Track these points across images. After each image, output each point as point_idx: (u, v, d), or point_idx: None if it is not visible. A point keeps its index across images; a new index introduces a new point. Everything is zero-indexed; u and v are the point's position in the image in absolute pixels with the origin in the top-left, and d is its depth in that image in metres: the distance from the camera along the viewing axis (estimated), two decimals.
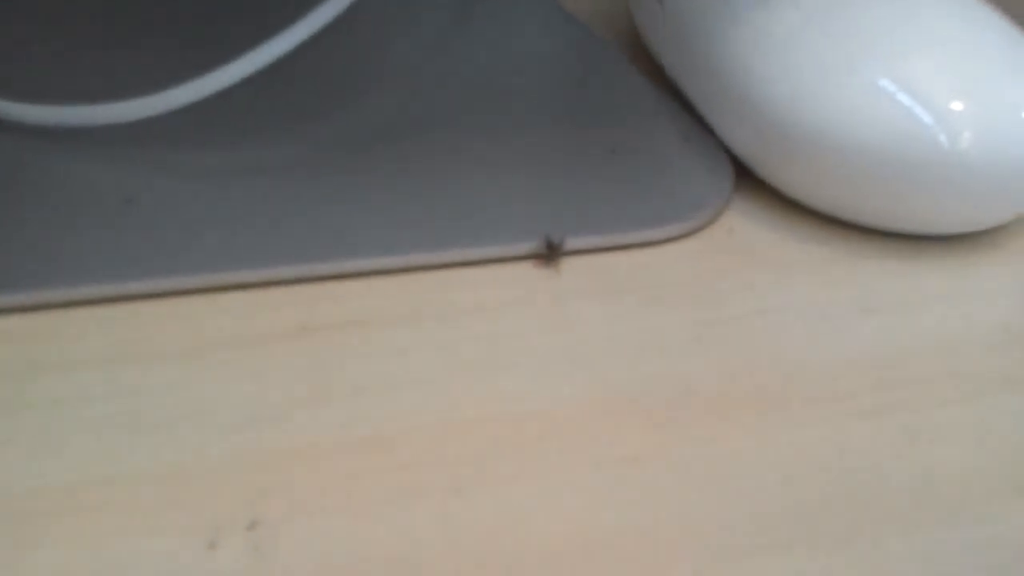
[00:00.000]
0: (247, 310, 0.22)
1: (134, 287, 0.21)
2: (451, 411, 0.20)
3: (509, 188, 0.25)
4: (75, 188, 0.24)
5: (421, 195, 0.25)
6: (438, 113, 0.28)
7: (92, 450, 0.18)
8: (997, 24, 0.27)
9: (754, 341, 0.22)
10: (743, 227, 0.25)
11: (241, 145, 0.26)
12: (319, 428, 0.19)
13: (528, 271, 0.23)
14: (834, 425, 0.20)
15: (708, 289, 0.23)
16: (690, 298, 0.23)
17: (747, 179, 0.27)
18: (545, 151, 0.27)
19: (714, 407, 0.20)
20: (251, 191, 0.24)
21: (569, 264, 0.24)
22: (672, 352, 0.21)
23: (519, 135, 0.27)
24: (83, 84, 0.28)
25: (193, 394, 0.20)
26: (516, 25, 0.32)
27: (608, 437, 0.19)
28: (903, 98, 0.25)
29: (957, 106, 0.25)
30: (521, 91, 0.29)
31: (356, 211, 0.24)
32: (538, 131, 0.27)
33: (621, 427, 0.19)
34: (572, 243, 0.24)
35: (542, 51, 0.31)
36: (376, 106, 0.28)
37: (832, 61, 0.26)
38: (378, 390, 0.20)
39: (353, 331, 0.21)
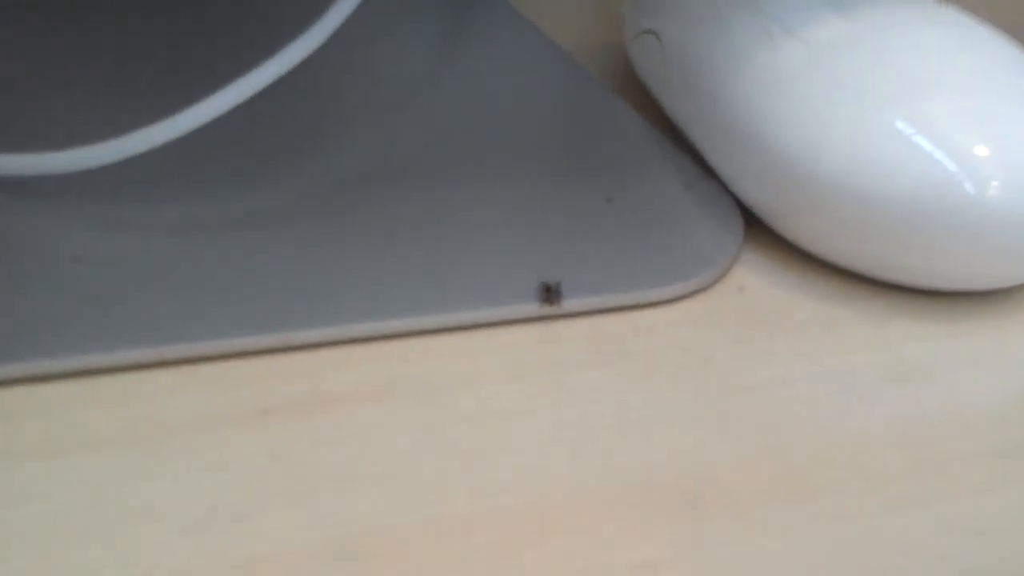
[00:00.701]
0: (205, 388, 0.19)
1: (75, 363, 0.19)
2: (437, 507, 0.17)
3: (497, 245, 0.23)
4: (16, 245, 0.21)
5: (398, 253, 0.22)
6: (418, 159, 0.25)
7: (23, 562, 0.16)
8: (1021, 58, 0.25)
9: (774, 416, 0.20)
10: (755, 284, 0.23)
11: (200, 197, 0.23)
12: (283, 531, 0.17)
13: (520, 337, 0.21)
14: (867, 518, 0.18)
15: (720, 356, 0.21)
16: (701, 366, 0.21)
17: (758, 230, 0.25)
18: (535, 201, 0.24)
19: (735, 497, 0.18)
20: (209, 249, 0.22)
21: (565, 329, 0.21)
22: (684, 431, 0.19)
23: (507, 183, 0.25)
24: (29, 130, 0.25)
25: (142, 490, 0.17)
26: (504, 61, 0.30)
27: (619, 537, 0.17)
28: (923, 142, 0.23)
29: (982, 151, 0.22)
30: (509, 133, 0.27)
31: (327, 272, 0.22)
32: (528, 178, 0.25)
33: (633, 524, 0.17)
34: (567, 305, 0.22)
35: (532, 90, 0.29)
36: (350, 152, 0.26)
37: (844, 101, 0.24)
38: (352, 483, 0.18)
39: (324, 411, 0.19)
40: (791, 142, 0.24)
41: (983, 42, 0.25)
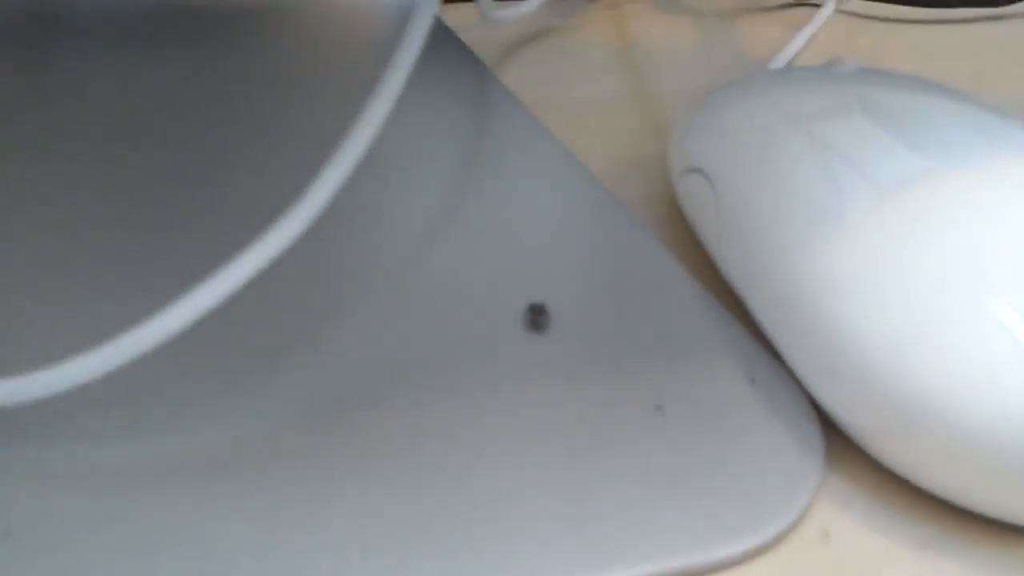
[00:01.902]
0: None
1: None
2: None
3: (496, 494, 0.18)
4: None
5: (392, 503, 0.18)
6: (422, 356, 0.21)
7: None
8: None
9: None
10: (841, 527, 0.19)
11: (158, 432, 0.19)
12: None
13: None
14: None
15: None
16: None
17: (839, 440, 0.20)
18: (561, 419, 0.20)
19: None
20: (165, 511, 0.18)
21: None
22: None
23: (524, 391, 0.20)
24: None
25: None
26: (528, 201, 0.26)
27: None
28: None
29: None
30: (535, 306, 0.23)
31: (309, 535, 0.17)
32: (557, 379, 0.21)
33: None
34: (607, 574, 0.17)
35: (561, 245, 0.25)
36: (333, 356, 0.21)
37: (936, 283, 0.19)
38: None
39: None
40: (869, 334, 0.19)
41: None
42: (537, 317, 0.22)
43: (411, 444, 0.19)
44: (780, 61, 0.35)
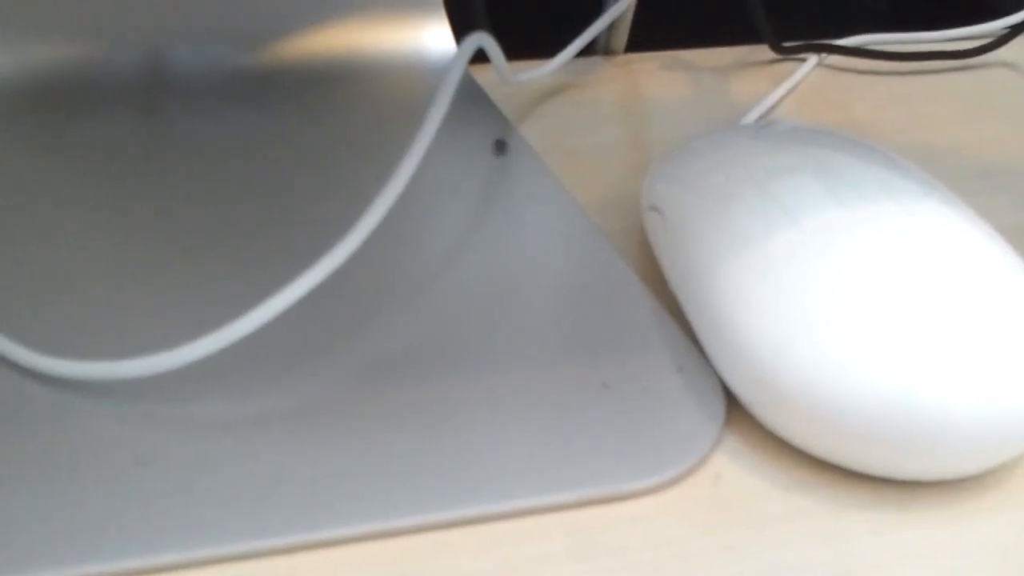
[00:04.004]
0: None
1: (113, 568, 0.22)
2: None
3: (492, 438, 0.26)
4: (85, 448, 0.25)
5: (400, 449, 0.25)
6: (433, 344, 0.29)
7: None
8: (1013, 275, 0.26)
9: None
10: (730, 473, 0.26)
11: (251, 394, 0.27)
12: None
13: (506, 532, 0.24)
14: None
15: (687, 551, 0.23)
16: (670, 563, 0.23)
17: (740, 413, 0.27)
18: (534, 391, 0.27)
19: None
20: (248, 447, 0.25)
21: (548, 523, 0.24)
22: None
23: (513, 370, 0.28)
24: (98, 334, 0.29)
25: None
26: (523, 230, 0.33)
27: None
28: (886, 350, 0.25)
29: (950, 358, 0.24)
30: (522, 312, 0.30)
31: (350, 469, 0.25)
32: (531, 363, 0.28)
33: None
34: (548, 499, 0.24)
35: (548, 263, 0.32)
36: (375, 340, 0.29)
37: (821, 299, 0.26)
38: None
39: None
40: (761, 335, 0.26)
41: (977, 254, 0.27)
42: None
43: (436, 404, 0.27)
44: (760, 111, 0.42)
